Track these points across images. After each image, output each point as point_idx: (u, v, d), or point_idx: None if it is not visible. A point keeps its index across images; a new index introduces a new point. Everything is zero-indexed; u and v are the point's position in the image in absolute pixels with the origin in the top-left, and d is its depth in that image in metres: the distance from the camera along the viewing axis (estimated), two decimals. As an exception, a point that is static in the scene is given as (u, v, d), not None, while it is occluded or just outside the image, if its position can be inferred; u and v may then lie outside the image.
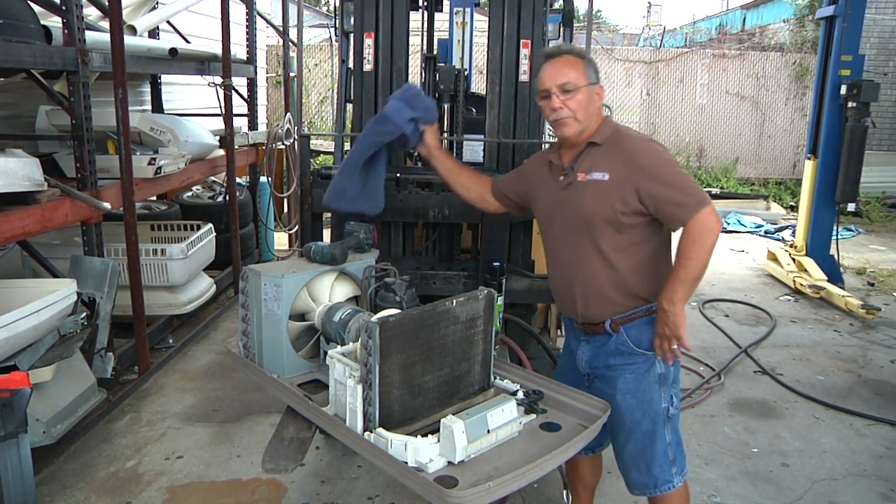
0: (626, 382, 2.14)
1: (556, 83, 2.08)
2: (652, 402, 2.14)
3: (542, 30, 3.26)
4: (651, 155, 2.04)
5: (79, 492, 2.93)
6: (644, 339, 2.11)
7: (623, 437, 2.21)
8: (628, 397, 2.14)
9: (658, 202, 2.00)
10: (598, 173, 2.07)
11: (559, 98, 2.08)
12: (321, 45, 11.66)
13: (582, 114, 2.09)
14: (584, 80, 2.08)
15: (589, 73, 2.09)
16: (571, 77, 2.07)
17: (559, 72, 2.09)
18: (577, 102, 2.07)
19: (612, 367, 2.17)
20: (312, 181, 3.15)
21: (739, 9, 17.09)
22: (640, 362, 2.13)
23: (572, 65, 2.09)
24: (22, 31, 3.10)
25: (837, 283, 5.98)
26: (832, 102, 5.90)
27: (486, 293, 2.05)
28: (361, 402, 1.83)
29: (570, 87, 2.07)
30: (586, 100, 2.09)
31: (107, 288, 3.48)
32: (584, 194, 2.09)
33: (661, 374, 2.14)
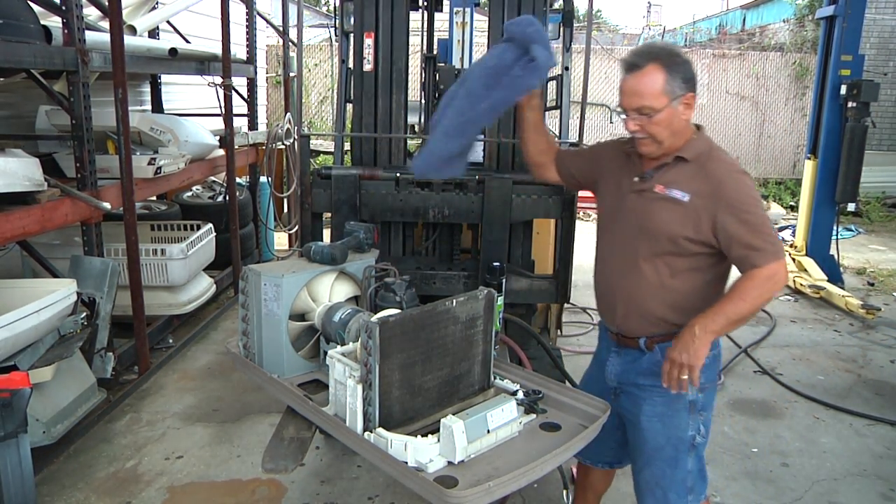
0: (654, 405, 2.04)
1: (632, 106, 1.89)
2: (678, 428, 2.03)
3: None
4: (739, 189, 1.87)
5: (79, 492, 2.93)
6: None
7: (643, 460, 2.11)
8: (654, 421, 2.04)
9: (732, 241, 1.86)
10: (679, 192, 1.91)
11: (635, 121, 1.90)
12: (321, 45, 11.65)
13: (663, 135, 1.91)
14: (666, 99, 1.86)
15: (673, 87, 1.86)
16: (648, 100, 1.86)
17: (635, 91, 1.88)
18: (655, 125, 1.88)
19: (642, 387, 2.06)
20: (312, 181, 3.15)
21: (739, 9, 17.09)
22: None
23: (652, 81, 1.86)
24: (22, 31, 3.10)
25: (837, 283, 5.98)
26: (832, 102, 5.90)
27: (486, 293, 2.05)
28: (361, 402, 1.83)
29: (647, 110, 1.87)
30: (668, 120, 1.89)
31: (107, 288, 3.48)
32: (657, 208, 1.95)
33: (692, 401, 2.02)
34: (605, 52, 11.57)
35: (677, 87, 1.87)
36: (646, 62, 1.88)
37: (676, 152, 1.94)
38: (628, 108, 1.91)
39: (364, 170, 3.13)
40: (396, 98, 3.29)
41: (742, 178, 1.90)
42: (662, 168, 1.96)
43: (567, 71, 3.57)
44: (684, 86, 1.89)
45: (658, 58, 1.88)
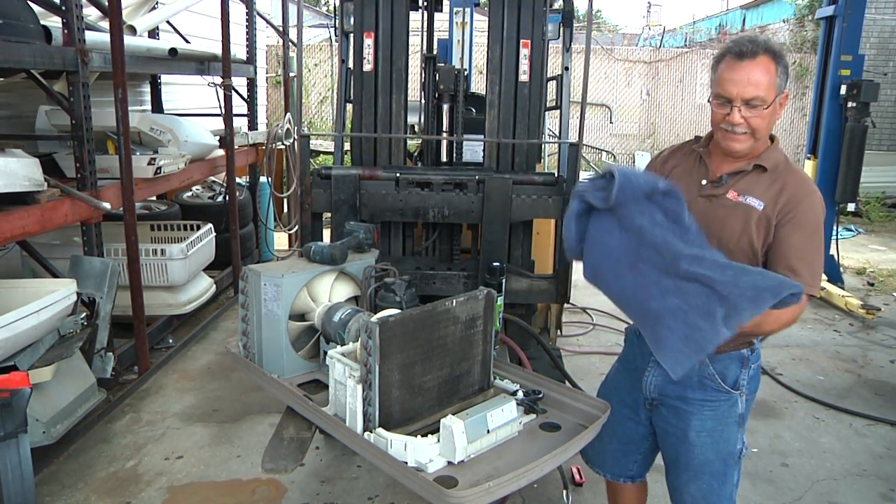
0: (704, 420, 1.96)
1: (744, 96, 1.76)
2: (728, 443, 1.98)
3: (542, 30, 3.26)
4: (812, 211, 1.79)
5: (78, 492, 2.93)
6: (730, 376, 1.93)
7: (688, 475, 2.03)
8: (703, 436, 1.97)
9: (781, 258, 1.78)
10: (755, 200, 1.81)
11: (741, 113, 1.78)
12: (321, 45, 11.66)
13: (763, 131, 1.82)
14: (774, 93, 1.77)
15: (780, 82, 1.78)
16: (762, 90, 1.75)
17: (750, 80, 1.75)
18: (762, 120, 1.79)
19: (689, 401, 1.97)
20: (312, 181, 3.15)
21: (739, 9, 17.10)
22: (722, 400, 1.94)
23: (766, 72, 1.75)
24: (22, 31, 3.10)
25: (837, 283, 5.98)
26: (832, 102, 5.90)
27: (486, 293, 2.05)
28: (361, 402, 1.83)
29: (759, 102, 1.76)
30: (771, 115, 1.80)
31: (106, 288, 3.48)
32: (730, 215, 1.84)
33: (742, 415, 1.98)
34: (605, 52, 11.58)
35: (783, 82, 1.79)
36: (760, 51, 1.76)
37: (756, 160, 1.85)
38: (738, 97, 1.77)
39: (364, 170, 3.13)
40: (396, 98, 3.29)
41: (817, 200, 1.82)
42: (739, 174, 1.87)
43: (567, 71, 3.57)
44: (785, 83, 1.81)
45: (769, 49, 1.78)
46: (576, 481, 3.02)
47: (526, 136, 3.28)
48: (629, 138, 11.58)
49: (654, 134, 11.59)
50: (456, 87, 3.33)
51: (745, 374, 1.94)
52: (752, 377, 1.97)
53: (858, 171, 5.83)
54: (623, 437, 2.17)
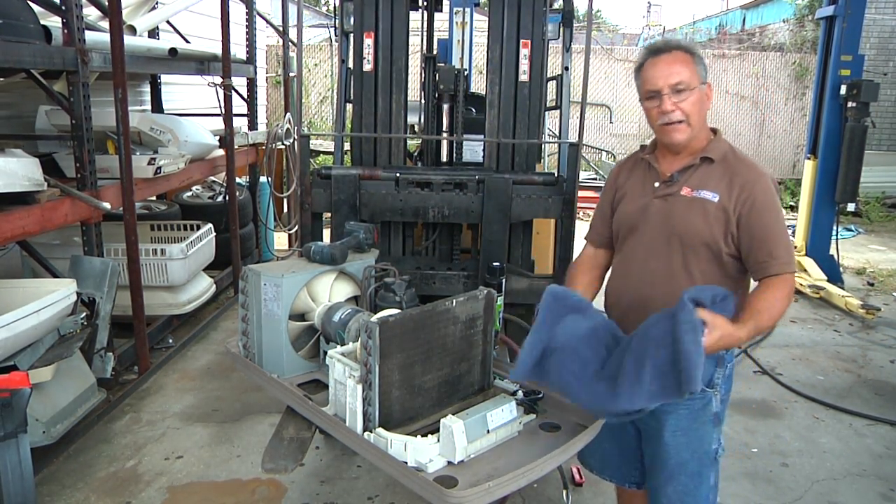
0: (679, 419, 1.94)
1: (669, 82, 1.86)
2: (703, 442, 1.96)
3: (542, 30, 3.27)
4: (768, 193, 1.85)
5: (78, 492, 2.93)
6: (706, 375, 1.88)
7: (664, 476, 2.01)
8: (678, 435, 1.95)
9: (755, 245, 1.83)
10: (709, 192, 1.87)
11: (671, 99, 1.86)
12: (321, 44, 11.66)
13: (695, 118, 1.89)
14: (697, 80, 1.88)
15: (700, 72, 1.89)
16: (685, 76, 1.86)
17: (671, 69, 1.87)
18: (691, 105, 1.87)
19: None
20: (312, 181, 3.15)
21: (739, 9, 17.10)
22: (697, 399, 1.91)
23: (684, 62, 1.88)
24: (22, 30, 3.10)
25: (837, 283, 5.98)
26: (832, 102, 5.90)
27: (486, 293, 2.05)
28: (361, 402, 1.83)
29: (683, 86, 1.86)
30: (699, 102, 1.89)
31: (106, 288, 3.48)
32: (688, 211, 1.89)
33: (717, 413, 1.96)
34: (604, 52, 11.57)
35: (702, 73, 1.90)
36: (676, 48, 1.91)
37: (702, 152, 1.92)
38: (664, 85, 1.86)
39: (364, 170, 3.14)
40: (396, 98, 3.30)
41: (770, 182, 1.88)
42: (688, 170, 1.93)
43: (567, 71, 3.57)
44: (705, 75, 1.91)
45: (683, 46, 1.93)
46: (576, 481, 3.02)
47: (526, 136, 3.28)
48: (629, 138, 11.57)
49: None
50: (456, 86, 3.33)
51: (720, 372, 1.94)
52: (727, 376, 1.97)
53: (858, 171, 5.83)
54: (619, 440, 2.16)
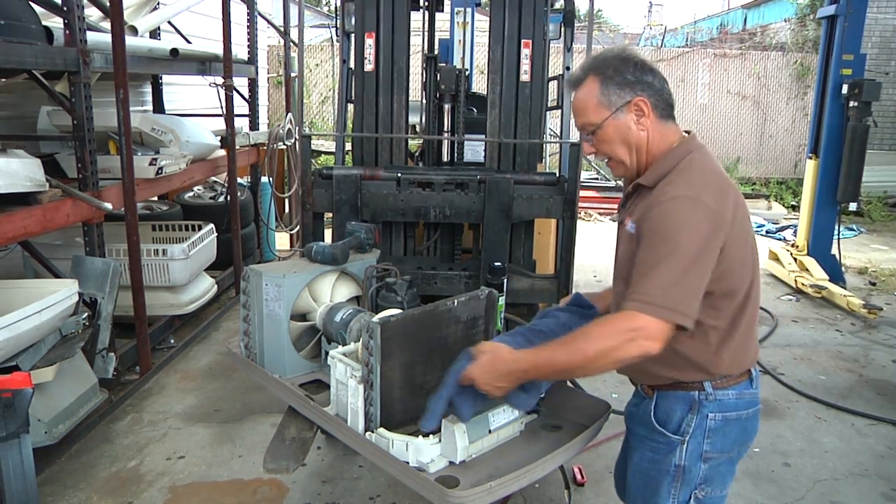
0: (640, 459, 1.73)
1: (579, 127, 1.71)
2: (657, 493, 1.69)
3: (543, 29, 3.27)
4: (665, 219, 1.51)
5: (80, 492, 2.94)
6: (672, 419, 1.65)
7: None
8: (637, 478, 1.75)
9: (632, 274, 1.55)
10: (631, 222, 1.63)
11: (586, 142, 1.71)
12: (322, 45, 11.66)
13: (620, 153, 1.66)
14: (606, 112, 1.62)
15: (609, 95, 1.61)
16: (588, 116, 1.65)
17: (576, 108, 1.69)
18: (607, 145, 1.66)
19: (635, 435, 1.77)
20: (313, 181, 3.15)
21: (740, 8, 17.08)
22: (661, 442, 1.67)
23: (587, 95, 1.64)
24: (23, 31, 3.10)
25: (839, 282, 5.97)
26: (834, 102, 5.89)
27: (488, 293, 2.05)
28: (363, 402, 1.83)
29: (591, 127, 1.66)
30: (617, 135, 1.64)
31: (108, 288, 3.49)
32: (620, 242, 1.72)
33: (680, 466, 1.65)
34: (606, 51, 11.58)
35: (614, 94, 1.61)
36: (584, 75, 1.67)
37: (638, 179, 1.66)
38: (578, 128, 1.72)
39: (365, 170, 3.14)
40: (397, 98, 3.30)
41: (674, 206, 1.51)
42: (630, 199, 1.71)
43: (568, 71, 3.57)
44: (626, 91, 1.61)
45: (594, 67, 1.65)
46: (577, 481, 3.02)
47: (527, 136, 3.28)
48: (630, 138, 11.59)
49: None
50: (457, 87, 3.34)
51: (691, 419, 1.63)
52: (710, 429, 1.63)
53: (860, 171, 5.82)
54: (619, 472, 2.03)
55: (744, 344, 1.64)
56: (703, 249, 1.49)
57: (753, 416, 1.69)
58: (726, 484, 1.72)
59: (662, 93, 1.65)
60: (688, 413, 1.64)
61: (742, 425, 1.68)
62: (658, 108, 1.64)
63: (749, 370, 1.67)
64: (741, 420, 1.67)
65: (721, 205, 1.53)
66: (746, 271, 1.61)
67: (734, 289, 1.59)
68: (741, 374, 1.66)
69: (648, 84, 1.63)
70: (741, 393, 1.65)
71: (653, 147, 1.65)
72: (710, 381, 1.63)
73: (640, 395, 1.77)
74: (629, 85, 1.62)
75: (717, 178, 1.59)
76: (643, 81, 1.63)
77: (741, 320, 1.62)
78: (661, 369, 1.64)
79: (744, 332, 1.63)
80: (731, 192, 1.60)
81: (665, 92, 1.66)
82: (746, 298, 1.61)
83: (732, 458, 1.70)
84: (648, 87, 1.63)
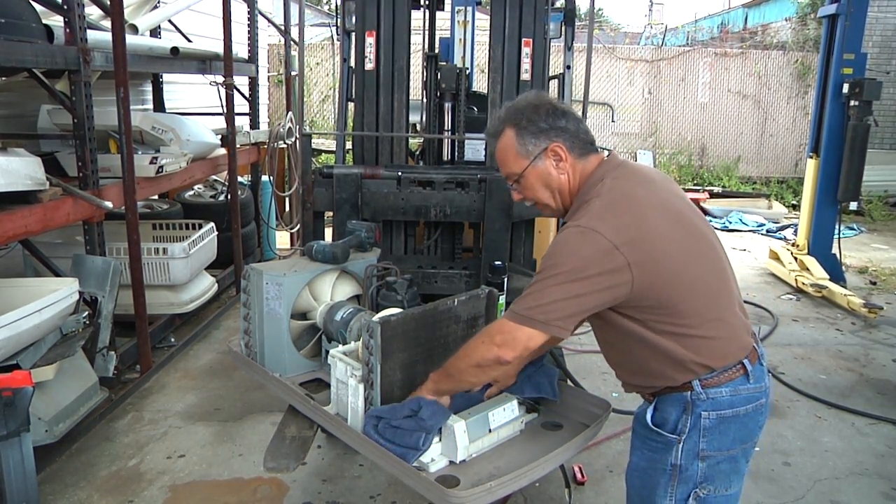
0: (639, 458, 1.76)
1: (503, 174, 1.80)
2: (653, 492, 1.71)
3: (544, 28, 3.27)
4: (552, 247, 1.62)
5: (81, 490, 2.94)
6: (669, 420, 1.67)
7: None
8: (634, 476, 1.77)
9: None
10: None
11: (513, 190, 1.80)
12: (323, 43, 11.66)
13: (544, 197, 1.75)
14: (525, 161, 1.70)
15: (525, 145, 1.69)
16: (510, 166, 1.74)
17: (498, 160, 1.78)
18: (531, 191, 1.75)
19: (636, 434, 1.79)
20: (314, 180, 3.15)
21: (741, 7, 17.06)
22: (657, 440, 1.69)
23: (506, 146, 1.73)
24: (24, 30, 3.10)
25: (839, 281, 5.97)
26: (834, 101, 5.89)
27: (488, 292, 2.05)
28: (363, 402, 1.83)
29: (513, 177, 1.75)
30: (538, 181, 1.72)
31: (109, 287, 3.49)
32: None
33: (676, 465, 1.66)
34: (606, 50, 11.56)
35: (530, 143, 1.69)
36: (501, 126, 1.74)
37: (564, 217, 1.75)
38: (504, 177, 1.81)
39: (366, 168, 3.14)
40: (398, 97, 3.30)
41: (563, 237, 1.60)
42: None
43: (569, 70, 3.57)
44: (541, 139, 1.68)
45: (508, 118, 1.73)
46: (578, 480, 3.02)
47: (528, 135, 3.27)
48: (631, 137, 11.57)
49: (656, 133, 11.57)
50: (457, 85, 3.33)
51: (686, 419, 1.64)
52: (705, 427, 1.64)
53: (861, 170, 5.82)
54: None
55: (717, 337, 1.63)
56: (581, 270, 1.53)
57: (755, 412, 1.68)
58: (732, 483, 1.71)
59: (578, 133, 1.71)
60: (682, 414, 1.65)
61: (741, 422, 1.67)
62: (575, 149, 1.70)
63: (743, 365, 1.66)
64: (738, 417, 1.66)
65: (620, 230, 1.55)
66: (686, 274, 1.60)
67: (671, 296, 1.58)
68: (734, 370, 1.65)
69: (562, 129, 1.69)
70: (736, 389, 1.65)
71: (573, 186, 1.72)
72: (698, 380, 1.63)
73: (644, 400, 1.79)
74: (543, 132, 1.68)
75: (624, 201, 1.61)
76: (556, 127, 1.69)
77: (701, 317, 1.61)
78: (648, 380, 1.69)
79: (712, 327, 1.63)
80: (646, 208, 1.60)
81: (581, 131, 1.72)
82: (697, 297, 1.61)
83: (735, 455, 1.69)
84: (562, 132, 1.69)
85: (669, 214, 1.63)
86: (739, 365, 1.66)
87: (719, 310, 1.65)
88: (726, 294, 1.68)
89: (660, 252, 1.56)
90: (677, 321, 1.60)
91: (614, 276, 1.53)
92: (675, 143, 11.58)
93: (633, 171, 1.70)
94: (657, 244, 1.57)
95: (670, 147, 11.59)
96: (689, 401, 1.64)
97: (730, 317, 1.67)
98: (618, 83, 11.46)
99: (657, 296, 1.57)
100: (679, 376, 1.64)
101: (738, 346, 1.67)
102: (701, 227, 1.69)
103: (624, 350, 1.70)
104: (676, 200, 1.69)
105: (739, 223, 8.94)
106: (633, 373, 1.73)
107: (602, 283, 1.54)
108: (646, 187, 1.66)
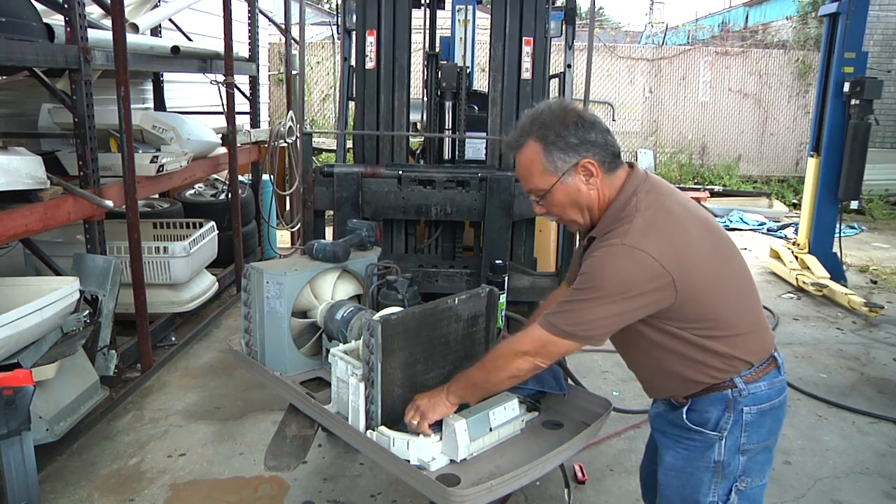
0: (674, 458, 1.74)
1: (525, 189, 1.72)
2: (695, 490, 1.71)
3: (545, 27, 3.26)
4: (594, 263, 1.56)
5: (82, 489, 2.94)
6: (710, 420, 1.67)
7: None
8: (671, 476, 1.76)
9: None
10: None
11: (537, 205, 1.72)
12: (323, 42, 11.65)
13: (573, 214, 1.68)
14: (552, 178, 1.62)
15: (554, 161, 1.61)
16: (535, 182, 1.66)
17: (520, 175, 1.71)
18: (558, 207, 1.68)
19: (668, 435, 1.78)
20: (315, 179, 3.15)
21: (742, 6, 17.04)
22: (697, 439, 1.70)
23: (530, 161, 1.64)
24: (24, 29, 3.10)
25: (840, 280, 5.97)
26: (835, 100, 5.88)
27: (489, 291, 2.05)
28: (364, 400, 1.83)
29: (539, 192, 1.67)
30: (567, 199, 1.65)
31: (109, 286, 3.49)
32: None
33: (719, 462, 1.68)
34: (607, 49, 11.55)
35: (559, 159, 1.61)
36: (524, 138, 1.65)
37: (590, 232, 1.69)
38: (525, 192, 1.74)
39: (366, 167, 3.14)
40: (398, 96, 3.29)
41: (607, 252, 1.56)
42: (587, 249, 1.70)
43: (569, 69, 3.57)
44: (570, 154, 1.60)
45: (533, 131, 1.63)
46: (578, 479, 3.02)
47: (528, 134, 3.27)
48: (632, 136, 11.56)
49: (657, 132, 11.57)
50: (458, 84, 3.33)
51: (728, 417, 1.67)
52: (747, 423, 1.67)
53: (861, 169, 5.81)
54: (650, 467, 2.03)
55: (752, 332, 1.68)
56: (627, 290, 1.53)
57: (782, 402, 1.74)
58: (765, 473, 1.76)
59: (607, 146, 1.64)
60: (724, 412, 1.67)
61: (775, 414, 1.72)
62: (605, 163, 1.64)
63: (774, 358, 1.72)
64: (774, 409, 1.71)
65: (666, 248, 1.54)
66: (720, 280, 1.63)
67: (710, 302, 1.61)
68: (768, 364, 1.70)
69: (592, 142, 1.62)
70: (772, 382, 1.70)
71: (603, 202, 1.66)
72: (740, 377, 1.66)
73: (668, 402, 1.78)
74: (573, 148, 1.61)
75: (664, 216, 1.60)
76: (587, 141, 1.61)
77: (737, 317, 1.66)
78: (684, 384, 1.69)
79: (746, 325, 1.67)
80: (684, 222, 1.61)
81: (609, 143, 1.65)
82: (732, 299, 1.66)
83: (769, 445, 1.74)
84: (592, 146, 1.62)
85: (701, 224, 1.65)
86: (772, 358, 1.72)
87: (751, 307, 1.71)
88: (751, 291, 1.74)
89: (699, 264, 1.59)
90: (716, 324, 1.62)
91: (658, 293, 1.55)
92: (675, 142, 11.57)
93: (657, 182, 1.70)
94: (696, 257, 1.59)
95: (671, 146, 11.58)
96: (731, 398, 1.66)
97: (759, 312, 1.74)
98: (618, 82, 11.46)
99: (697, 305, 1.60)
100: (720, 375, 1.66)
101: (770, 339, 1.74)
102: (721, 230, 1.73)
103: (657, 357, 1.69)
104: (697, 208, 1.72)
105: (740, 222, 8.94)
106: (667, 378, 1.71)
107: (647, 299, 1.55)
108: (674, 199, 1.67)
